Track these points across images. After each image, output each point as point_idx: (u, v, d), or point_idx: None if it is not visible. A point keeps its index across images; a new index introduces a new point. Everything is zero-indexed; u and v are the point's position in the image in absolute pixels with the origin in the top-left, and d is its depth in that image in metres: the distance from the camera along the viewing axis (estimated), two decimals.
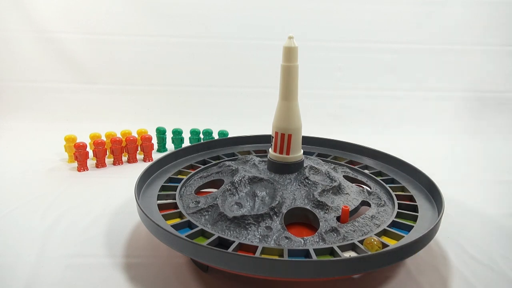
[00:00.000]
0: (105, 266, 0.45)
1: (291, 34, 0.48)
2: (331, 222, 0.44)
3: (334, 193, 0.50)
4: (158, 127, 0.86)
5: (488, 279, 0.45)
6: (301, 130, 0.52)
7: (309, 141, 0.70)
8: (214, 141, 0.70)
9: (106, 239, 0.51)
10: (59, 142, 0.80)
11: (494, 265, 0.47)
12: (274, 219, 0.44)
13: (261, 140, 0.71)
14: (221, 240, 0.42)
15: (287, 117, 0.50)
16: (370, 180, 0.58)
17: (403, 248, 0.38)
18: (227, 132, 0.86)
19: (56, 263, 0.45)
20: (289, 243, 0.41)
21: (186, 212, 0.47)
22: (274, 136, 0.52)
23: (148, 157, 0.81)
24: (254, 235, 0.42)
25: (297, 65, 0.49)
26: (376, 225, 0.46)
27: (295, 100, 0.50)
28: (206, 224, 0.45)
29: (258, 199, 0.47)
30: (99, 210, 0.59)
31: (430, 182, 0.53)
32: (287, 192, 0.48)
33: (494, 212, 0.61)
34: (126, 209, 0.59)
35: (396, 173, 0.60)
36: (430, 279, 0.44)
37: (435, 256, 0.49)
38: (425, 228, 0.44)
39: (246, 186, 0.49)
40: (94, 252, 0.48)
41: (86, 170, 0.75)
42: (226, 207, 0.46)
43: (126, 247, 0.49)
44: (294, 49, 0.48)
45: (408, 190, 0.55)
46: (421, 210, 0.49)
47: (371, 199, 0.51)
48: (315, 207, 0.46)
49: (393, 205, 0.50)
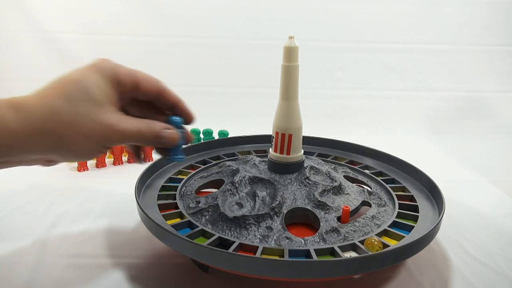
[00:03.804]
0: (105, 266, 0.45)
1: (292, 34, 0.48)
2: (331, 222, 0.44)
3: (335, 193, 0.49)
4: None
5: (488, 279, 0.45)
6: (302, 130, 0.52)
7: (310, 141, 0.70)
8: (214, 141, 0.70)
9: (106, 239, 0.51)
10: None
11: (494, 265, 0.47)
12: (274, 219, 0.44)
13: (261, 140, 0.71)
14: (221, 240, 0.42)
15: (288, 117, 0.50)
16: (371, 180, 0.58)
17: (404, 248, 0.38)
18: (227, 132, 0.86)
19: (56, 263, 0.45)
20: (290, 243, 0.41)
21: (187, 212, 0.47)
22: (275, 136, 0.52)
23: (148, 157, 0.81)
24: (255, 235, 0.42)
25: (297, 65, 0.49)
26: (377, 225, 0.46)
27: (296, 100, 0.50)
28: (206, 224, 0.44)
29: (259, 199, 0.47)
30: (99, 210, 0.59)
31: (430, 182, 0.53)
32: (287, 192, 0.48)
33: (495, 212, 0.61)
34: (126, 209, 0.59)
35: (397, 173, 0.60)
36: (431, 279, 0.44)
37: (435, 256, 0.49)
38: (426, 228, 0.44)
39: (247, 186, 0.49)
40: (94, 252, 0.48)
41: (86, 170, 0.75)
42: (227, 207, 0.46)
43: (126, 247, 0.49)
44: (295, 49, 0.48)
45: (409, 190, 0.54)
46: (422, 210, 0.49)
47: (372, 199, 0.51)
48: (315, 207, 0.46)
49: (393, 205, 0.50)
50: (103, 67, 0.37)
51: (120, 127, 0.36)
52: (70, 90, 0.35)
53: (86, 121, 0.35)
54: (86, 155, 0.37)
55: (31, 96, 0.35)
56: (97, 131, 0.35)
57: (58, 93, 0.35)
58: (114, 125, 0.36)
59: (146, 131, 0.38)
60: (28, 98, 0.35)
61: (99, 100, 0.35)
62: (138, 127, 0.37)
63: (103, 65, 0.38)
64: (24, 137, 0.33)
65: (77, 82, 0.35)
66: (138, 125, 0.37)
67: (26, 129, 0.33)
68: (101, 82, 0.36)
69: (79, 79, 0.36)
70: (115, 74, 0.38)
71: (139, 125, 0.37)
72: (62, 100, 0.34)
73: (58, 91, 0.35)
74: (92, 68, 0.37)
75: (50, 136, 0.34)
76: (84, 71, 0.37)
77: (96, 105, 0.35)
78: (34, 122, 0.33)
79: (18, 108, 0.33)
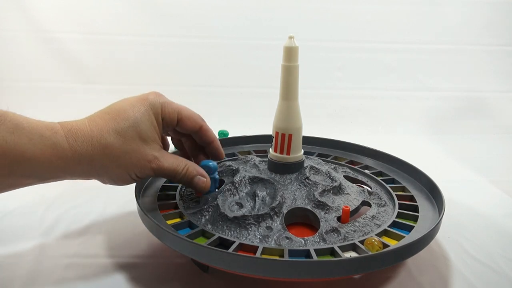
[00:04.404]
0: (105, 266, 0.45)
1: (292, 34, 0.48)
2: (331, 222, 0.44)
3: (335, 193, 0.49)
4: None
5: (488, 279, 0.45)
6: (302, 130, 0.52)
7: (310, 141, 0.70)
8: None
9: (106, 239, 0.51)
10: None
11: (494, 265, 0.47)
12: (274, 219, 0.44)
13: (261, 140, 0.71)
14: (221, 240, 0.42)
15: (288, 117, 0.50)
16: (371, 180, 0.58)
17: (404, 248, 0.38)
18: (227, 132, 0.86)
19: (56, 263, 0.45)
20: (290, 243, 0.41)
21: (187, 212, 0.47)
22: (275, 136, 0.52)
23: None
24: (255, 235, 0.42)
25: (297, 65, 0.49)
26: (377, 225, 0.46)
27: (296, 100, 0.50)
28: (206, 224, 0.44)
29: (259, 199, 0.47)
30: (99, 210, 0.59)
31: (430, 182, 0.53)
32: (287, 192, 0.48)
33: (495, 212, 0.61)
34: (126, 209, 0.59)
35: (397, 173, 0.60)
36: (431, 279, 0.44)
37: (436, 256, 0.49)
38: (426, 228, 0.44)
39: (247, 186, 0.49)
40: (94, 252, 0.48)
41: None
42: (227, 207, 0.46)
43: (126, 247, 0.49)
44: (295, 49, 0.48)
45: (409, 190, 0.54)
46: (422, 210, 0.49)
47: (372, 199, 0.51)
48: (315, 207, 0.46)
49: (393, 205, 0.50)
50: (154, 103, 0.41)
51: (160, 165, 0.41)
52: (122, 126, 0.38)
53: (132, 156, 0.39)
54: (123, 182, 0.42)
55: (85, 124, 0.38)
56: (140, 165, 0.40)
57: (110, 127, 0.38)
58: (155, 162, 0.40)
59: (182, 173, 0.43)
60: (82, 127, 0.38)
61: (147, 138, 0.40)
62: (175, 167, 0.42)
63: (154, 100, 0.41)
64: (73, 162, 0.37)
65: (130, 116, 0.39)
66: (176, 165, 0.42)
67: (76, 156, 0.37)
68: (150, 119, 0.40)
69: (131, 113, 0.39)
70: (162, 110, 0.42)
71: (177, 164, 0.42)
72: (114, 136, 0.38)
73: (111, 126, 0.38)
74: (143, 103, 0.41)
75: (96, 165, 0.38)
76: (136, 105, 0.40)
77: (144, 142, 0.40)
78: (86, 152, 0.37)
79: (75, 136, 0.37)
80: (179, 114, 0.43)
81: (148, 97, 0.42)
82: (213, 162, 0.49)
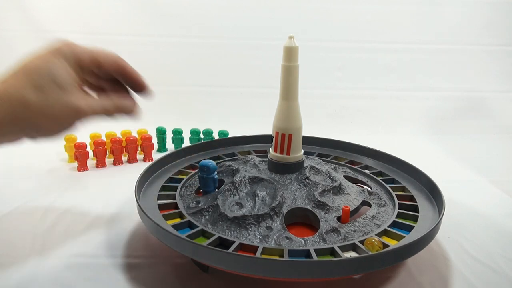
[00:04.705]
0: (105, 266, 0.45)
1: (292, 34, 0.48)
2: (331, 222, 0.44)
3: (335, 193, 0.49)
4: (158, 127, 0.86)
5: (488, 279, 0.45)
6: (302, 130, 0.52)
7: (310, 141, 0.70)
8: (214, 141, 0.70)
9: (106, 239, 0.51)
10: (59, 142, 0.80)
11: (494, 265, 0.47)
12: (274, 219, 0.44)
13: (261, 140, 0.71)
14: (221, 240, 0.42)
15: (288, 117, 0.50)
16: (371, 180, 0.58)
17: (404, 248, 0.38)
18: (227, 132, 0.86)
19: (56, 263, 0.45)
20: (290, 243, 0.41)
21: (187, 212, 0.47)
22: (275, 136, 0.52)
23: (148, 157, 0.81)
24: (255, 235, 0.42)
25: (297, 65, 0.49)
26: (377, 225, 0.46)
27: (296, 100, 0.50)
28: (206, 224, 0.44)
29: (259, 199, 0.47)
30: (99, 210, 0.59)
31: (430, 182, 0.53)
32: (287, 192, 0.48)
33: (495, 212, 0.61)
34: (126, 209, 0.59)
35: (397, 173, 0.60)
36: (431, 279, 0.44)
37: (436, 256, 0.49)
38: (426, 228, 0.44)
39: (247, 186, 0.49)
40: (94, 252, 0.48)
41: (86, 170, 0.75)
42: (227, 207, 0.46)
43: (126, 247, 0.49)
44: (295, 49, 0.48)
45: (409, 190, 0.54)
46: (422, 210, 0.49)
47: (372, 199, 0.51)
48: (315, 207, 0.46)
49: (393, 205, 0.50)
50: (64, 50, 0.40)
51: (87, 108, 0.40)
52: (37, 78, 0.38)
53: (55, 107, 0.38)
54: (56, 134, 0.41)
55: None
56: (65, 114, 0.39)
57: (25, 82, 0.37)
58: (81, 106, 0.39)
59: (110, 107, 0.42)
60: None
61: (65, 85, 0.39)
62: (102, 105, 0.42)
63: (64, 48, 0.40)
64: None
65: (43, 70, 0.38)
66: (102, 103, 0.42)
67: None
68: (65, 67, 0.39)
69: (44, 67, 0.38)
70: (75, 55, 0.41)
71: (102, 103, 0.42)
72: (30, 90, 0.37)
73: (25, 81, 0.38)
74: (54, 53, 0.40)
75: (20, 123, 0.38)
76: (47, 57, 0.39)
77: (63, 90, 0.38)
78: (6, 112, 0.36)
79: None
80: (95, 54, 0.42)
81: (58, 46, 0.41)
82: (212, 162, 0.49)
